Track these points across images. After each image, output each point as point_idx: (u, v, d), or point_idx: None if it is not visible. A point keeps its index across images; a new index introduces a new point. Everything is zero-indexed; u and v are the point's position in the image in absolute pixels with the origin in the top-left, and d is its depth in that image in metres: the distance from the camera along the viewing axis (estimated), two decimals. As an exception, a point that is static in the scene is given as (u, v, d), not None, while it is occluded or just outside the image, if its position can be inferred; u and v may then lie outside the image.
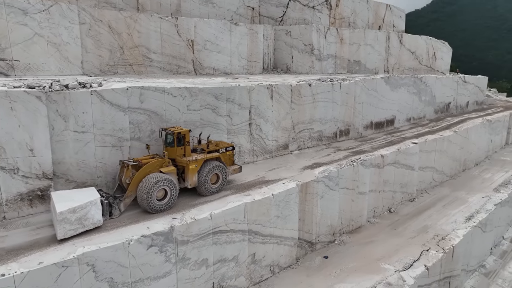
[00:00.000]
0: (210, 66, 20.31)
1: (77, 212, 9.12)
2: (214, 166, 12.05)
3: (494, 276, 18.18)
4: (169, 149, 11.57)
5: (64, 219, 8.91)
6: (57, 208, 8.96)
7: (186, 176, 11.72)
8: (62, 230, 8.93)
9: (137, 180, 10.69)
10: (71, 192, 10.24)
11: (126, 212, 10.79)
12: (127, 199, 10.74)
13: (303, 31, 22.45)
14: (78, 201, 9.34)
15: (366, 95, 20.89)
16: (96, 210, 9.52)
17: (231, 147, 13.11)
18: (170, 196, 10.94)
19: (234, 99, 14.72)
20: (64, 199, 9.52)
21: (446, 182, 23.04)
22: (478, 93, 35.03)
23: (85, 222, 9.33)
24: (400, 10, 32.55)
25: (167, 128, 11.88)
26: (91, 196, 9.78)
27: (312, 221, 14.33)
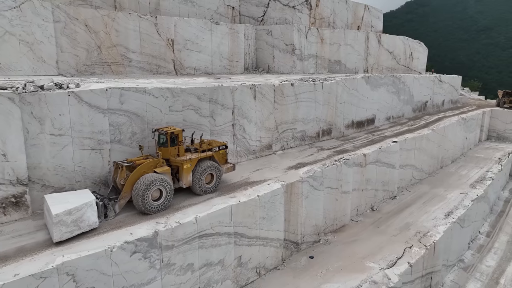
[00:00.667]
0: (191, 66, 19.95)
1: (73, 214, 9.00)
2: (208, 165, 12.03)
3: (473, 270, 18.68)
4: (163, 149, 11.45)
5: (60, 221, 8.76)
6: (53, 211, 8.81)
7: (180, 176, 11.62)
8: (58, 233, 8.77)
9: (131, 181, 10.57)
10: (65, 194, 10.05)
11: (122, 213, 10.60)
12: (122, 200, 10.59)
13: (284, 31, 22.41)
14: (74, 203, 9.22)
15: (348, 95, 21.06)
16: (91, 212, 9.41)
17: (224, 146, 13.05)
18: (166, 196, 10.85)
19: (217, 99, 14.49)
20: (58, 201, 9.36)
21: (425, 180, 23.55)
22: (453, 92, 36.07)
23: (81, 224, 9.20)
24: (378, 11, 33.08)
25: (159, 129, 11.71)
26: (86, 198, 9.65)
27: (297, 221, 14.27)
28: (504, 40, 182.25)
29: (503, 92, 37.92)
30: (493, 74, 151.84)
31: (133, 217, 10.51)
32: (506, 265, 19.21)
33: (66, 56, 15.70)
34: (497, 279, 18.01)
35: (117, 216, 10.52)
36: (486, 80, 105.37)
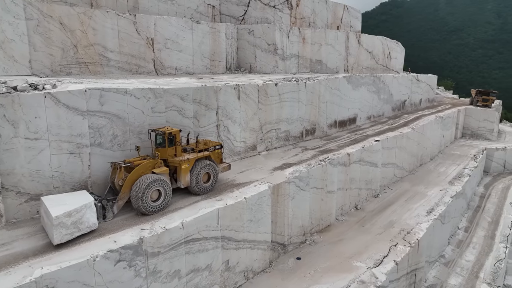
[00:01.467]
0: (171, 65, 19.47)
1: (73, 216, 8.88)
2: (205, 165, 12.05)
3: (453, 265, 19.10)
4: (161, 149, 11.38)
5: (60, 224, 8.63)
6: (52, 213, 8.65)
7: (178, 176, 11.60)
8: (58, 235, 8.63)
9: (130, 182, 10.47)
10: (62, 196, 9.88)
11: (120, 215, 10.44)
12: (120, 201, 10.49)
13: (266, 30, 22.24)
14: (73, 204, 9.10)
15: (330, 94, 21.12)
16: (91, 213, 9.31)
17: (219, 146, 13.04)
18: (165, 196, 10.81)
19: (200, 100, 14.14)
20: (57, 203, 9.20)
21: (406, 177, 23.95)
22: (430, 91, 36.95)
23: (81, 226, 9.08)
24: (357, 11, 33.44)
25: (156, 129, 11.62)
26: (84, 199, 9.54)
27: (284, 222, 14.13)
28: (473, 41, 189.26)
29: (476, 91, 39.18)
30: (464, 73, 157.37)
31: (132, 219, 10.35)
32: (485, 259, 19.74)
33: (40, 55, 14.94)
34: (476, 273, 18.48)
35: (115, 217, 10.36)
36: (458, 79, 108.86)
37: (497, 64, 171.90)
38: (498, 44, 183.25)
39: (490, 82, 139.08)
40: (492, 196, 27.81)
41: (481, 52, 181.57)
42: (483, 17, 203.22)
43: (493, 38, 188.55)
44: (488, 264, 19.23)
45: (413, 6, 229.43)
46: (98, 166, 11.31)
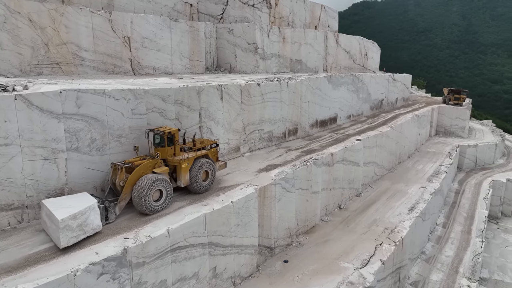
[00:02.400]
0: (149, 65, 18.78)
1: (78, 218, 8.78)
2: (204, 163, 12.10)
3: (434, 261, 19.46)
4: (160, 149, 11.31)
5: (66, 227, 8.50)
6: (57, 216, 8.51)
7: (178, 175, 11.63)
8: (65, 238, 8.50)
9: (131, 182, 10.39)
10: (63, 198, 9.70)
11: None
12: (122, 202, 10.37)
13: (246, 30, 21.90)
14: (77, 207, 8.99)
15: (311, 94, 21.04)
16: (95, 215, 9.21)
17: (215, 144, 13.11)
18: (166, 196, 10.81)
19: (182, 101, 13.63)
20: (60, 206, 9.04)
21: (386, 175, 24.25)
22: (405, 90, 37.76)
23: (86, 228, 8.97)
24: (334, 11, 33.67)
25: (155, 129, 11.53)
26: (87, 201, 9.44)
27: (271, 225, 13.85)
28: (441, 42, 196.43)
29: (448, 89, 40.40)
30: (433, 73, 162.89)
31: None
32: (463, 254, 20.24)
33: (7, 54, 13.97)
34: (456, 268, 18.89)
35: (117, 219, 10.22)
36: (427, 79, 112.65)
37: (462, 64, 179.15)
38: (463, 45, 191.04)
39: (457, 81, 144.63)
40: (466, 191, 28.67)
41: (448, 52, 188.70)
42: (449, 18, 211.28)
43: (459, 39, 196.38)
44: (466, 259, 19.72)
45: (384, 7, 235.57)
46: (75, 173, 10.64)
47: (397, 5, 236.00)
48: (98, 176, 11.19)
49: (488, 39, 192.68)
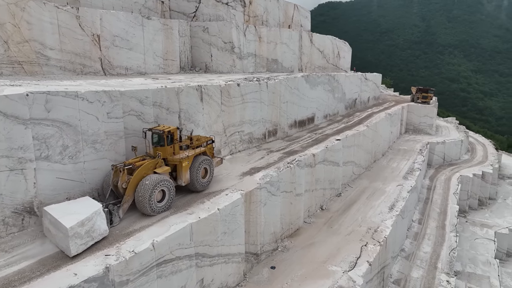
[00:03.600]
0: (121, 65, 17.72)
1: (86, 224, 8.51)
2: (202, 160, 12.04)
3: (413, 258, 19.74)
4: (160, 148, 11.10)
5: (75, 234, 8.23)
6: (65, 223, 8.22)
7: (179, 174, 11.47)
8: (74, 246, 8.23)
9: (134, 184, 10.15)
10: (65, 204, 9.29)
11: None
12: (125, 204, 10.09)
13: (222, 28, 21.24)
14: (83, 213, 8.69)
15: (290, 94, 20.73)
16: (101, 219, 8.94)
17: (210, 140, 13.06)
18: (169, 196, 10.61)
19: (161, 103, 12.83)
20: (64, 212, 8.71)
21: (363, 174, 24.43)
22: (376, 89, 38.47)
23: (93, 234, 8.69)
24: (306, 11, 33.66)
25: (153, 128, 11.33)
26: (92, 206, 9.15)
27: (257, 231, 13.35)
28: (402, 42, 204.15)
29: (416, 88, 41.64)
30: (396, 72, 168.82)
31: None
32: (440, 249, 20.70)
33: (-39, 53, 12.58)
34: (435, 264, 19.26)
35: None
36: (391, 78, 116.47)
37: (423, 63, 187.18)
38: (423, 45, 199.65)
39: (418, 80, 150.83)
40: (437, 187, 29.54)
41: (409, 52, 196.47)
42: (410, 20, 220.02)
43: (419, 39, 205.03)
44: (443, 254, 20.17)
45: (348, 8, 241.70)
46: (46, 184, 9.62)
47: (360, 6, 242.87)
48: (71, 186, 10.22)
49: (446, 40, 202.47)
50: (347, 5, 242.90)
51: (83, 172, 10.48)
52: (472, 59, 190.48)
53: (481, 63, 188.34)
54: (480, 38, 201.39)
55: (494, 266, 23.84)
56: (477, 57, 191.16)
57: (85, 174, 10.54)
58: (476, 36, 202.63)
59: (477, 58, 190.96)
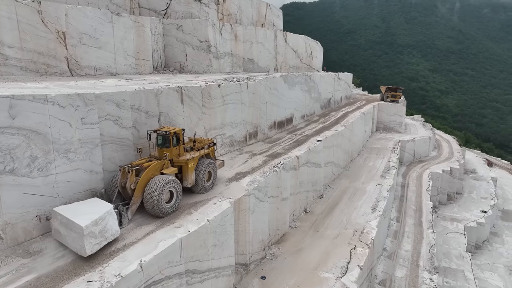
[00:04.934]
0: (89, 65, 16.35)
1: (99, 224, 8.37)
2: (207, 163, 11.94)
3: (395, 257, 19.81)
4: (166, 150, 10.99)
5: (89, 233, 8.09)
6: (79, 222, 8.08)
7: (185, 176, 11.31)
8: (89, 245, 8.09)
9: (142, 185, 10.00)
10: (75, 205, 9.05)
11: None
12: (134, 206, 9.93)
13: (197, 26, 20.27)
14: (95, 212, 8.53)
15: (269, 95, 20.16)
16: (113, 220, 8.80)
17: (212, 143, 12.93)
18: (176, 197, 10.49)
19: (140, 106, 11.79)
20: (77, 213, 8.52)
21: (342, 174, 24.34)
22: (347, 88, 38.81)
23: (106, 234, 8.52)
24: (278, 10, 33.27)
25: (158, 129, 11.20)
26: (103, 206, 8.97)
27: (246, 240, 12.64)
28: (364, 42, 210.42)
29: (386, 87, 42.50)
30: (359, 71, 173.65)
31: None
32: (420, 247, 20.95)
33: None
34: (416, 262, 19.42)
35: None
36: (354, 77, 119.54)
37: (384, 63, 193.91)
38: (384, 46, 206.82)
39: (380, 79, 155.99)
40: (410, 184, 30.15)
41: (371, 52, 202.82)
42: (371, 21, 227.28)
43: (380, 40, 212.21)
44: (423, 252, 20.41)
45: (312, 8, 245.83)
46: (11, 201, 8.40)
47: (324, 7, 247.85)
48: (42, 202, 9.03)
49: (404, 41, 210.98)
50: (310, 5, 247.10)
51: (55, 186, 9.30)
52: (429, 59, 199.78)
53: (437, 62, 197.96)
54: (435, 39, 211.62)
55: (466, 259, 24.52)
56: (433, 57, 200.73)
57: (58, 188, 9.37)
58: (432, 37, 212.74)
59: (433, 58, 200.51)
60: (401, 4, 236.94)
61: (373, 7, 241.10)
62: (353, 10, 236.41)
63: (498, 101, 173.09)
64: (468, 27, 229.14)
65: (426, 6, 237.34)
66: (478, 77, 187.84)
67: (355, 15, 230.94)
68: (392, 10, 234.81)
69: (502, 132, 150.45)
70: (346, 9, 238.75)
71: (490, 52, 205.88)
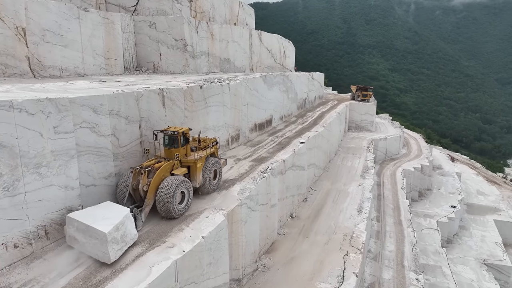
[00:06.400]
0: (54, 65, 14.72)
1: (120, 229, 8.14)
2: (213, 162, 11.81)
3: (381, 258, 19.64)
4: (175, 150, 10.79)
5: (112, 239, 7.83)
6: (101, 229, 7.78)
7: (193, 176, 11.09)
8: (113, 252, 7.84)
9: (154, 186, 9.73)
10: (90, 210, 8.66)
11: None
12: (147, 208, 9.62)
13: (172, 24, 19.01)
14: (113, 217, 8.23)
15: (250, 96, 19.32)
16: (131, 224, 8.55)
17: (215, 142, 12.69)
18: (188, 198, 10.36)
19: (119, 111, 10.54)
20: (95, 218, 8.19)
21: (323, 176, 23.97)
22: (320, 88, 38.77)
23: (126, 239, 8.28)
24: (250, 8, 32.49)
25: (165, 130, 10.96)
26: (119, 210, 8.66)
27: (239, 253, 11.75)
28: (327, 42, 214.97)
29: (356, 87, 42.95)
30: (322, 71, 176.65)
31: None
32: (402, 246, 20.95)
33: None
34: (401, 263, 19.34)
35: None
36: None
37: (347, 62, 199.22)
38: (346, 46, 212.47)
39: (343, 79, 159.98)
40: (385, 183, 30.45)
41: (334, 52, 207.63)
42: (333, 21, 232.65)
43: (342, 40, 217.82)
44: (407, 251, 20.41)
45: (276, 9, 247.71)
46: (-28, 229, 6.99)
47: (287, 7, 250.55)
48: (8, 227, 7.66)
49: (365, 41, 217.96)
50: (274, 6, 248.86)
51: (24, 207, 7.95)
52: (388, 59, 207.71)
53: (396, 62, 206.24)
54: (393, 39, 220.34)
55: (443, 255, 25.06)
56: (392, 57, 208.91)
57: (27, 209, 8.01)
58: (390, 38, 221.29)
59: (392, 58, 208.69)
60: (361, 6, 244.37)
61: (335, 8, 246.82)
62: (316, 11, 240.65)
63: (451, 98, 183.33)
64: (423, 29, 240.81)
65: (384, 7, 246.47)
66: (433, 76, 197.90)
67: (318, 15, 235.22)
68: (352, 11, 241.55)
69: (456, 128, 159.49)
70: (309, 10, 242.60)
71: (443, 52, 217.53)
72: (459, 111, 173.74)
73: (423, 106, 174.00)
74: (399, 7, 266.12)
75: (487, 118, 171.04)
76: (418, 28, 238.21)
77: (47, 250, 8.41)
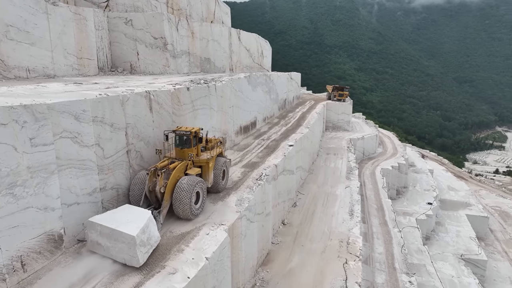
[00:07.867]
0: (20, 65, 13.07)
1: (146, 232, 7.91)
2: (222, 161, 11.73)
3: (372, 261, 19.31)
4: (188, 150, 10.59)
5: (140, 242, 7.63)
6: (129, 232, 7.57)
7: (205, 175, 10.88)
8: (141, 254, 7.65)
9: (171, 187, 9.52)
10: (111, 214, 8.34)
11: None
12: (165, 210, 9.40)
13: (150, 21, 17.65)
14: (137, 220, 7.98)
15: (235, 98, 18.34)
16: (153, 226, 8.28)
17: (219, 142, 12.61)
18: (202, 198, 10.19)
19: (104, 117, 9.26)
20: (119, 222, 7.91)
21: (308, 178, 23.39)
22: (297, 88, 38.35)
23: (151, 241, 8.03)
24: (227, 7, 31.46)
25: (177, 129, 10.79)
26: (141, 213, 8.43)
27: (239, 270, 10.81)
28: (295, 43, 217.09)
29: (332, 87, 42.93)
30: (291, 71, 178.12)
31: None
32: (391, 248, 20.76)
33: None
34: (393, 265, 19.10)
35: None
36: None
37: (314, 62, 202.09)
38: (313, 46, 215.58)
39: (312, 78, 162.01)
40: (366, 183, 30.42)
41: (302, 52, 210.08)
42: (300, 22, 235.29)
43: (310, 40, 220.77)
44: (396, 253, 20.23)
45: (243, 8, 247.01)
46: None
47: (254, 7, 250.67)
48: (-23, 263, 6.29)
49: (331, 41, 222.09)
50: (241, 5, 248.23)
51: None
52: (354, 59, 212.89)
53: (361, 62, 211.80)
54: (359, 40, 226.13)
55: (425, 253, 25.23)
56: (358, 57, 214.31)
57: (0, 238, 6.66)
58: (355, 38, 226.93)
59: (358, 57, 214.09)
60: (326, 7, 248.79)
61: (302, 9, 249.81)
62: (283, 11, 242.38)
63: (414, 97, 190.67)
64: (386, 30, 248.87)
65: (349, 8, 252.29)
66: (397, 75, 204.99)
67: (285, 16, 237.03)
68: (319, 12, 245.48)
69: (419, 125, 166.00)
70: (276, 10, 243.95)
71: (405, 52, 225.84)
72: (422, 109, 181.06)
73: (388, 104, 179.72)
74: (363, 8, 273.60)
75: (447, 115, 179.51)
76: (381, 29, 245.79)
77: (23, 285, 7.09)
